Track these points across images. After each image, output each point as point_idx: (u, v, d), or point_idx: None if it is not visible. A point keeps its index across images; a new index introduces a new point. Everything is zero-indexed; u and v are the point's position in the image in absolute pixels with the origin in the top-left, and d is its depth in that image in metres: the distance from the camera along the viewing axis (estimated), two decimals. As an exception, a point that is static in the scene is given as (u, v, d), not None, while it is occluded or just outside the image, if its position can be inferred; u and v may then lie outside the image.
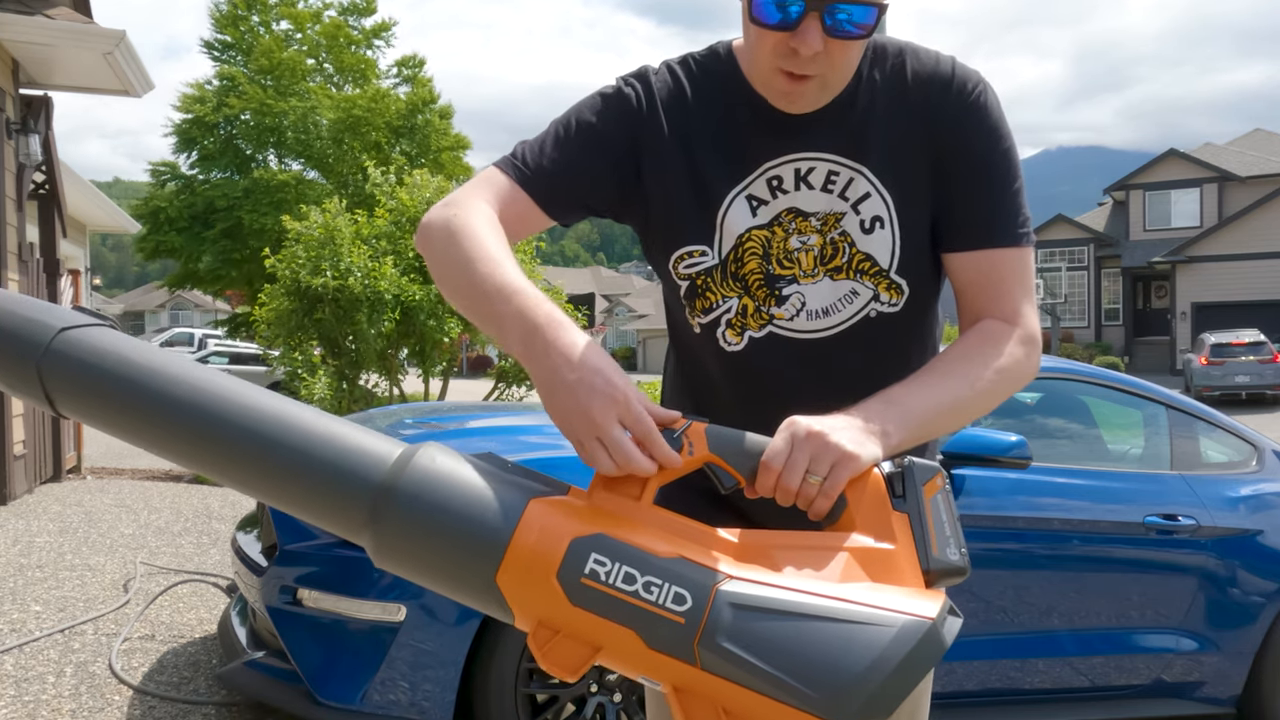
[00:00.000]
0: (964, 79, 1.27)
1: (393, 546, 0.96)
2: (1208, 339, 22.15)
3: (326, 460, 0.97)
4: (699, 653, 0.90)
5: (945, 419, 1.17)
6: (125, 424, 1.01)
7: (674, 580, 0.91)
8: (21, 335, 1.01)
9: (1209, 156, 32.78)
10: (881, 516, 0.99)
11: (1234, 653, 3.51)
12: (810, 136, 1.26)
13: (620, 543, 0.93)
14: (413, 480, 0.95)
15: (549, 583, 0.92)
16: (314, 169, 24.50)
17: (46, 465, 7.57)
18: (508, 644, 2.82)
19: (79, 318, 1.04)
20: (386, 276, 7.96)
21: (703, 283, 1.31)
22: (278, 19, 24.53)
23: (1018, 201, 1.27)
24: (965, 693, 3.26)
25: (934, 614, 0.91)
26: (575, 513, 0.96)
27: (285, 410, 1.00)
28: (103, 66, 7.21)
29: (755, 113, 1.28)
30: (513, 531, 0.93)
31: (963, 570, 0.99)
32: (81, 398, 1.01)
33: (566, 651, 0.94)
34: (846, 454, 1.01)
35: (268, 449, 0.98)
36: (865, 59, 1.28)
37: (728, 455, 1.02)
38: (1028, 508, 3.28)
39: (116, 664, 3.68)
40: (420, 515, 0.94)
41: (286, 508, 1.01)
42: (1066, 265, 33.31)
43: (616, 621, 0.91)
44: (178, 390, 1.00)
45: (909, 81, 1.27)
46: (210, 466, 1.00)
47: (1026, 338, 1.25)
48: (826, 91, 1.22)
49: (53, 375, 1.01)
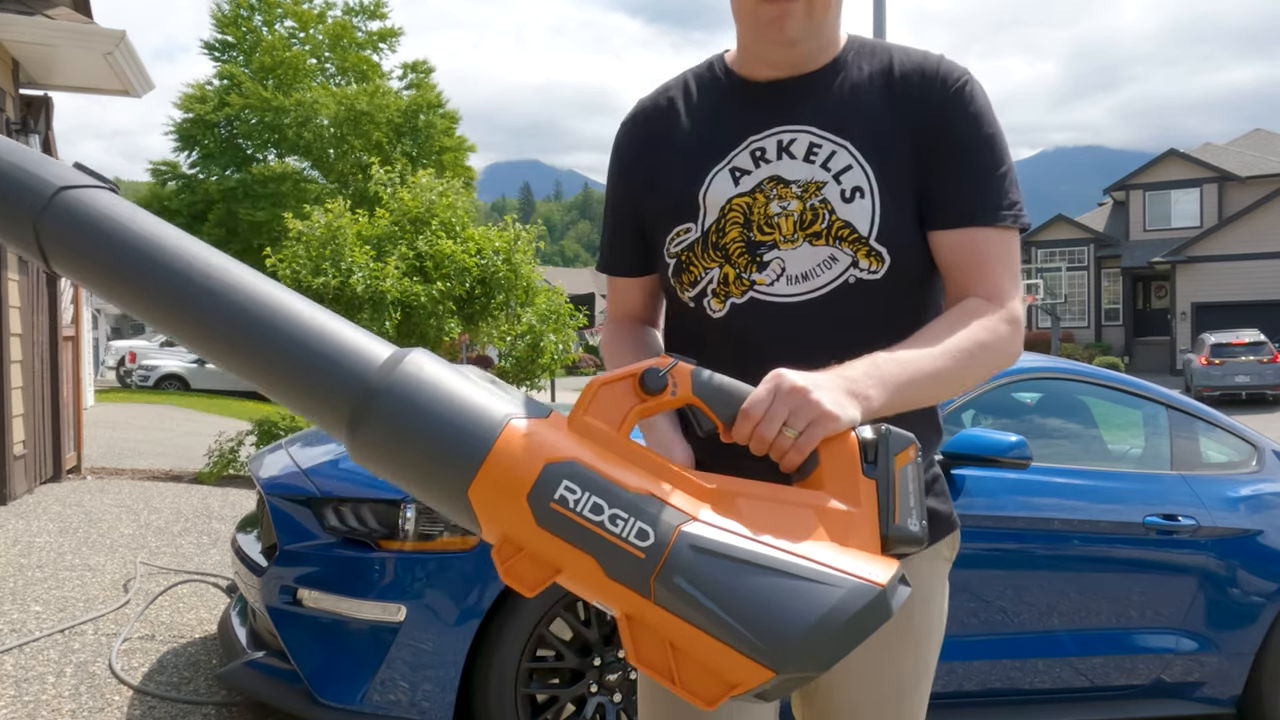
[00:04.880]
0: (949, 71, 1.33)
1: (371, 445, 0.97)
2: (1208, 339, 22.14)
3: (317, 350, 0.98)
4: (655, 587, 0.92)
5: (927, 388, 1.20)
6: (117, 289, 1.01)
7: (640, 516, 0.94)
8: (22, 189, 1.01)
9: (1209, 156, 32.76)
10: (850, 480, 1.01)
11: (1234, 653, 3.51)
12: (795, 111, 1.32)
13: (593, 473, 0.95)
14: (399, 383, 0.96)
15: (519, 502, 0.94)
16: (314, 167, 24.51)
17: (46, 465, 7.57)
18: (508, 644, 2.82)
19: (80, 177, 1.03)
20: (390, 276, 7.96)
21: (687, 257, 1.36)
22: (281, 19, 24.54)
23: (1002, 185, 1.30)
24: (965, 693, 3.26)
25: (884, 580, 0.93)
26: (553, 438, 0.97)
27: (281, 297, 1.01)
28: (103, 67, 7.21)
29: (742, 93, 1.36)
30: (490, 447, 0.95)
31: (919, 540, 1.02)
32: (76, 259, 1.01)
33: (527, 569, 0.96)
34: (825, 413, 1.03)
35: (259, 330, 0.98)
36: (853, 52, 1.36)
37: (709, 399, 1.05)
38: (1027, 508, 3.28)
39: (116, 664, 3.68)
40: (402, 419, 0.96)
41: (271, 392, 1.01)
42: (1066, 265, 33.29)
43: (579, 548, 0.94)
44: (173, 261, 1.00)
45: (895, 74, 1.33)
46: (200, 341, 1.00)
47: (1009, 317, 1.28)
48: (812, 20, 1.28)
49: (49, 233, 1.01)
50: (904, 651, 1.42)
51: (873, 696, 1.43)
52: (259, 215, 21.84)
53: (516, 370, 9.01)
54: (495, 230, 8.84)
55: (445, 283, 8.14)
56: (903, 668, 1.43)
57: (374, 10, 25.02)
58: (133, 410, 16.64)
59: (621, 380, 1.04)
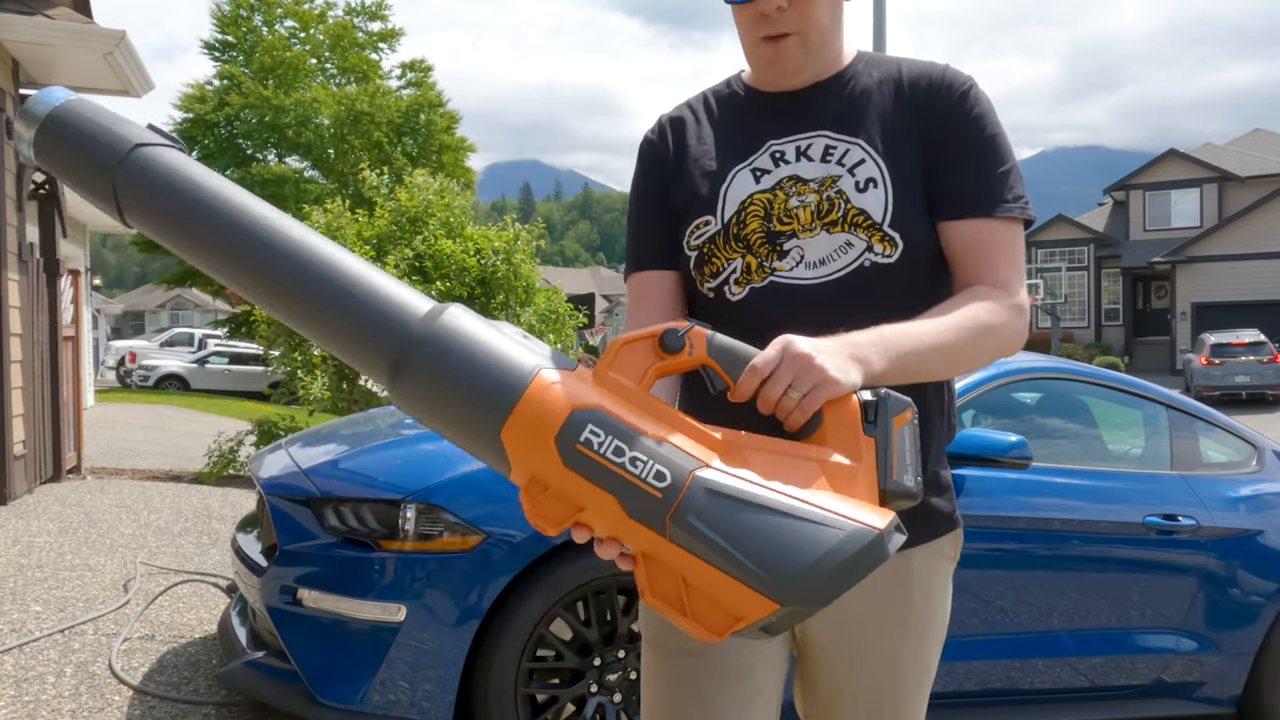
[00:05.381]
0: (954, 77, 1.41)
1: (412, 389, 1.06)
2: (1208, 339, 22.14)
3: (365, 301, 1.07)
4: (670, 526, 1.00)
5: (930, 360, 1.26)
6: (184, 239, 1.10)
7: (658, 459, 1.01)
8: (100, 146, 1.10)
9: (1209, 156, 32.76)
10: (852, 437, 1.09)
11: (1234, 653, 3.51)
12: (811, 117, 1.41)
13: (615, 419, 1.03)
14: (439, 332, 1.05)
15: (547, 444, 1.02)
16: (314, 167, 24.51)
17: (46, 465, 7.56)
18: (508, 644, 2.82)
19: (153, 136, 1.12)
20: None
21: (709, 250, 1.42)
22: (281, 19, 24.54)
23: (1006, 181, 1.37)
24: (965, 693, 3.26)
25: (881, 525, 1.01)
26: (579, 387, 1.05)
27: (334, 252, 1.10)
28: (103, 66, 7.21)
29: (761, 104, 1.45)
30: (521, 394, 1.03)
31: (915, 495, 1.09)
32: (147, 210, 1.10)
33: (553, 507, 1.03)
34: (828, 378, 1.09)
35: (313, 281, 1.07)
36: (863, 62, 1.45)
37: (723, 360, 1.12)
38: (1028, 508, 3.28)
39: (116, 664, 3.68)
40: (441, 366, 1.04)
41: (320, 338, 1.09)
42: (1066, 265, 33.29)
43: (601, 487, 1.01)
44: (237, 214, 1.09)
45: (904, 82, 1.41)
46: (259, 291, 1.09)
47: (1013, 304, 1.35)
48: (809, 52, 1.38)
49: (124, 186, 1.10)
50: (905, 649, 1.43)
51: (873, 693, 1.43)
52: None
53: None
54: (495, 230, 8.84)
55: (445, 283, 8.14)
56: (904, 665, 1.44)
57: (375, 11, 25.04)
58: (133, 410, 16.64)
59: (642, 340, 1.11)
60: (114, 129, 1.11)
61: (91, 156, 1.10)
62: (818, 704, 1.48)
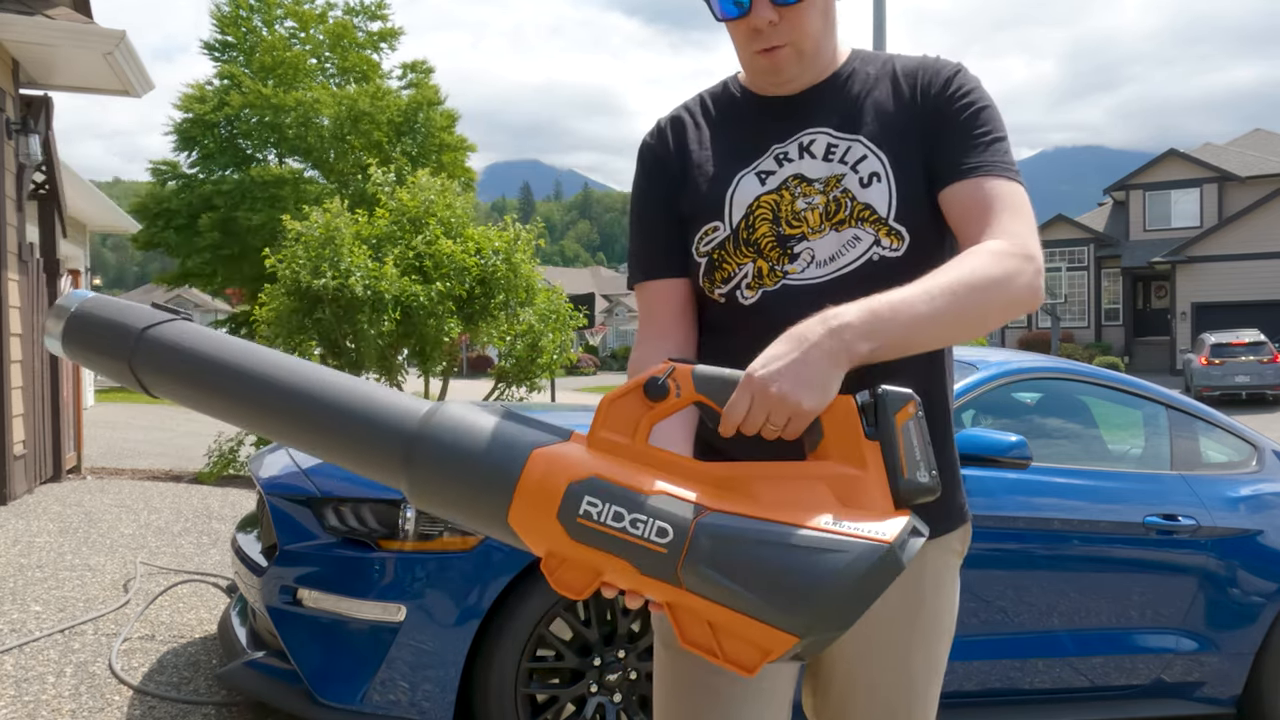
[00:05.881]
0: (944, 64, 1.44)
1: (423, 487, 1.10)
2: (1208, 339, 22.13)
3: (367, 418, 1.13)
4: (682, 576, 1.03)
5: (927, 329, 1.19)
6: (204, 401, 1.20)
7: (657, 516, 1.03)
8: (115, 336, 1.22)
9: (1209, 156, 32.75)
10: (853, 444, 1.09)
11: (1234, 653, 3.51)
12: (811, 116, 1.43)
13: (610, 484, 1.05)
14: (434, 429, 1.10)
15: (551, 522, 1.05)
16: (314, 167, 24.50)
17: (46, 465, 7.56)
18: (508, 644, 2.82)
19: (157, 315, 1.23)
20: (388, 277, 7.95)
21: (719, 256, 1.42)
22: (281, 19, 24.54)
23: (1000, 149, 1.37)
24: (965, 693, 3.26)
25: (890, 537, 1.00)
26: (572, 459, 1.07)
27: (331, 379, 1.17)
28: (103, 66, 7.21)
29: (760, 108, 1.46)
30: (518, 478, 1.06)
31: (933, 490, 1.08)
32: (165, 383, 1.21)
33: (573, 577, 1.07)
34: (801, 411, 1.08)
35: (320, 413, 1.14)
36: (857, 61, 1.46)
37: (712, 394, 1.12)
38: (1028, 508, 3.28)
39: (116, 664, 3.68)
40: (442, 461, 1.09)
41: (337, 459, 1.16)
42: (1066, 265, 33.27)
43: (611, 553, 1.04)
44: (245, 367, 1.18)
45: (898, 75, 1.43)
46: (273, 430, 1.17)
47: (1022, 253, 1.27)
48: (804, 60, 1.39)
49: (141, 367, 1.21)
50: (917, 645, 1.44)
51: (886, 690, 1.44)
52: (256, 219, 21.84)
53: (516, 370, 9.00)
54: (495, 230, 8.83)
55: (445, 283, 8.13)
56: (915, 662, 1.44)
57: (375, 11, 25.04)
58: (133, 410, 16.64)
59: (629, 394, 1.12)
60: (125, 320, 1.22)
61: (110, 344, 1.22)
62: (830, 703, 1.48)
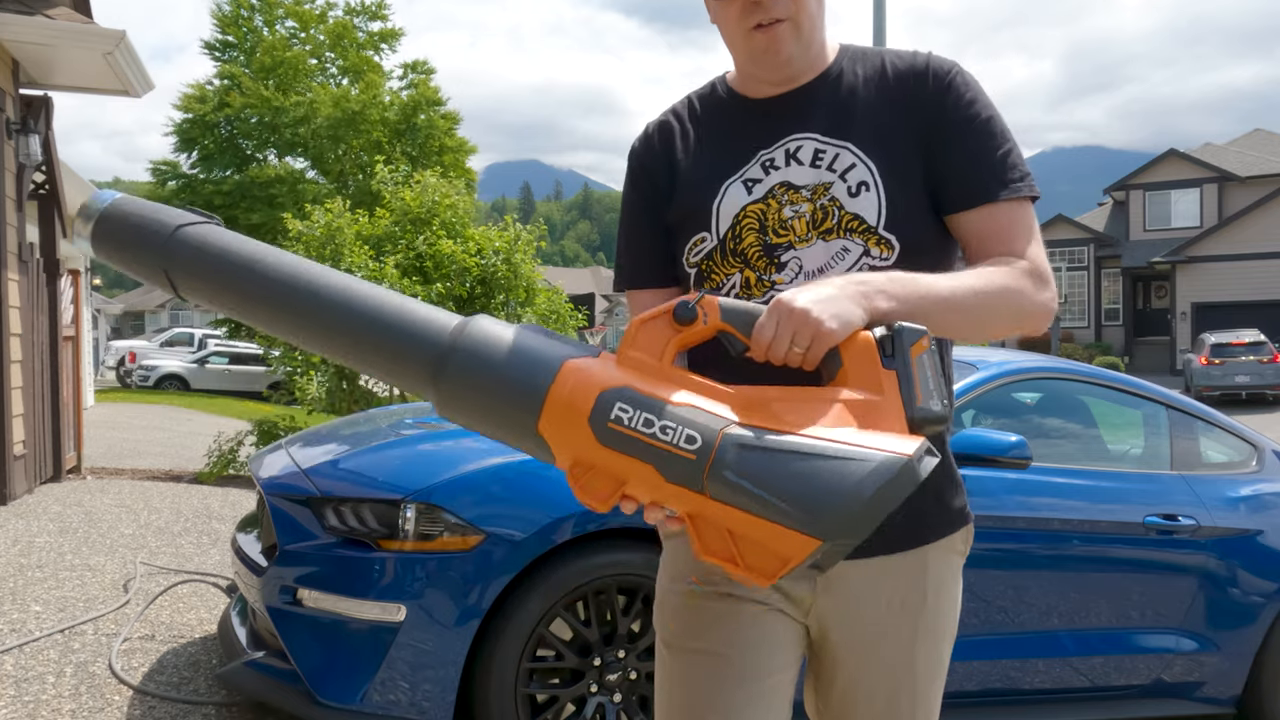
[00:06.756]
0: (939, 66, 1.40)
1: (453, 398, 1.14)
2: (1208, 339, 22.14)
3: (401, 325, 1.16)
4: (707, 484, 1.07)
5: (942, 312, 1.24)
6: (233, 301, 1.21)
7: (687, 424, 1.08)
8: (149, 232, 1.23)
9: (1209, 156, 32.75)
10: (871, 373, 1.14)
11: (1234, 653, 3.51)
12: (798, 121, 1.40)
13: (641, 394, 1.10)
14: (468, 342, 1.14)
15: (582, 426, 1.09)
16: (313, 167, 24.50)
17: (46, 465, 7.56)
18: (508, 644, 2.82)
19: (189, 216, 1.25)
20: (389, 277, 7.96)
21: (707, 266, 1.42)
22: (282, 19, 24.54)
23: (1008, 161, 1.36)
24: (965, 693, 3.26)
25: (910, 452, 1.06)
26: (603, 370, 1.12)
27: (369, 289, 1.20)
28: (103, 67, 7.20)
29: (747, 112, 1.44)
30: (549, 386, 1.11)
31: (943, 418, 1.14)
32: (198, 284, 1.22)
33: (597, 484, 1.11)
34: (823, 330, 1.13)
35: (354, 320, 1.17)
36: (846, 58, 1.43)
37: (737, 323, 1.17)
38: (1027, 508, 3.28)
39: (116, 664, 3.68)
40: (474, 372, 1.13)
41: (364, 366, 1.19)
42: (1066, 265, 33.28)
43: (638, 458, 1.08)
44: (277, 271, 1.20)
45: (889, 76, 1.40)
46: (305, 337, 1.19)
47: (1035, 272, 1.33)
48: (801, 38, 1.35)
49: (175, 265, 1.22)
50: (920, 645, 1.43)
51: (890, 690, 1.44)
52: (255, 218, 21.86)
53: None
54: (495, 230, 8.83)
55: (445, 283, 8.14)
56: (919, 661, 1.44)
57: (375, 11, 25.04)
58: (133, 410, 16.64)
59: (658, 317, 1.17)
60: (158, 217, 1.24)
61: (143, 242, 1.23)
62: (833, 702, 1.48)
